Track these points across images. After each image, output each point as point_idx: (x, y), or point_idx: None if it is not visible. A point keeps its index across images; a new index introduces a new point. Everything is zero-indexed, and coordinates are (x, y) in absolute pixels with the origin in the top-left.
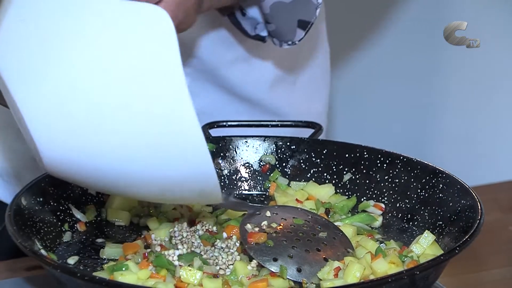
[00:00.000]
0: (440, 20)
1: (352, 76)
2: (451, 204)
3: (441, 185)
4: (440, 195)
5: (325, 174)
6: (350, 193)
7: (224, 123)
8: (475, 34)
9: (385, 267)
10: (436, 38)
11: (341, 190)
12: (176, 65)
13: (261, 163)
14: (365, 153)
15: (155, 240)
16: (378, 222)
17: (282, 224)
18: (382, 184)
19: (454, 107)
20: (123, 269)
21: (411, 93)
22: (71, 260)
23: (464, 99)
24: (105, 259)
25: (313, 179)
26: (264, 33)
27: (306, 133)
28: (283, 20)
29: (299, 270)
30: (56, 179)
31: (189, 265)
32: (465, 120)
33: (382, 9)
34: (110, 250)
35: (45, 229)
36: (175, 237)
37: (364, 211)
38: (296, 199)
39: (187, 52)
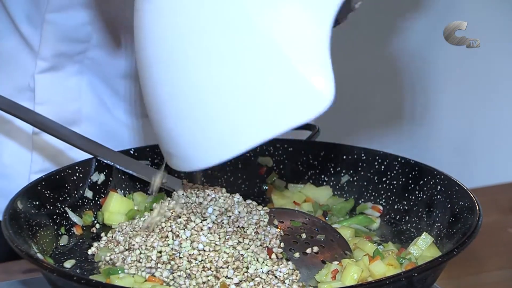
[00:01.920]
0: (438, 19)
1: (350, 76)
2: (449, 205)
3: (439, 187)
4: (438, 196)
5: (322, 176)
6: (347, 195)
7: None
8: (475, 34)
9: (383, 269)
10: (435, 37)
11: (338, 192)
12: None
13: (258, 165)
14: (363, 154)
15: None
16: (376, 224)
17: (279, 227)
18: (380, 186)
19: (452, 108)
20: (120, 272)
21: (408, 93)
22: (68, 264)
23: (463, 100)
24: (102, 262)
25: (311, 181)
26: None
27: (303, 135)
28: None
29: None
30: (51, 181)
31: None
32: (464, 121)
33: (379, 6)
34: (102, 254)
35: (42, 232)
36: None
37: (362, 213)
38: (294, 202)
39: None
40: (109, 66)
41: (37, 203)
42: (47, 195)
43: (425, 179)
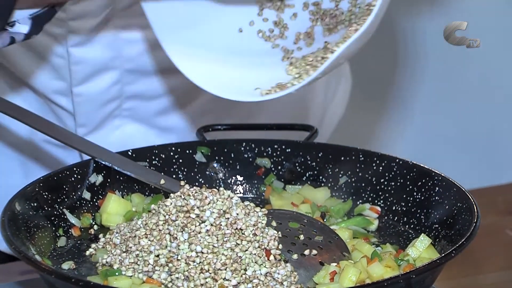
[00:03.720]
0: (438, 19)
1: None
2: (447, 207)
3: (437, 188)
4: (436, 198)
5: (320, 177)
6: (345, 196)
7: (219, 127)
8: (475, 34)
9: (381, 271)
10: (433, 37)
11: (336, 194)
12: None
13: (256, 167)
14: (361, 156)
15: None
16: (374, 225)
17: (277, 228)
18: (378, 187)
19: (451, 109)
20: (117, 274)
21: (406, 93)
22: (66, 265)
23: (461, 101)
24: (99, 263)
25: (309, 182)
26: None
27: (301, 136)
28: None
29: None
30: (49, 183)
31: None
32: (463, 122)
33: None
34: (99, 255)
35: (39, 234)
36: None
37: (360, 214)
38: (292, 203)
39: None
40: (148, 108)
41: (35, 204)
42: (45, 196)
43: (423, 181)
